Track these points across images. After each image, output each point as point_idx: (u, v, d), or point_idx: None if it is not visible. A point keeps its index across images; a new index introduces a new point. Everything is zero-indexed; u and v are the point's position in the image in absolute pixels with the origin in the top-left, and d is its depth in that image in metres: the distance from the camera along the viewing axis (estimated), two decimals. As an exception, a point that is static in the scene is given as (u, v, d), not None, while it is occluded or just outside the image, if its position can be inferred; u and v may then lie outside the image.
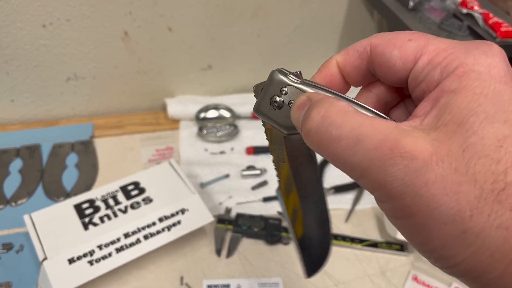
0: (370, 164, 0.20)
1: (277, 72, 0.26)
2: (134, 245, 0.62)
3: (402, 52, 0.23)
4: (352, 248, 0.69)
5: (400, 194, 0.19)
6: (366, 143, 0.20)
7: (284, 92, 0.26)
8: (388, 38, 0.24)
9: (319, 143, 0.22)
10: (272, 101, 0.26)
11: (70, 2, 0.79)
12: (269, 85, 0.26)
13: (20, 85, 0.87)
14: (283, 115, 0.26)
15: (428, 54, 0.22)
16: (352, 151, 0.20)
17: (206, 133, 0.86)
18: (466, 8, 0.75)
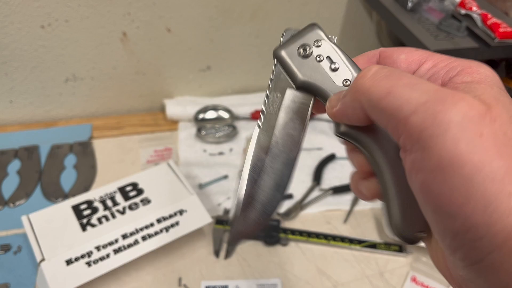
0: (429, 99, 0.19)
1: (317, 26, 0.26)
2: (132, 246, 0.62)
3: (408, 56, 0.25)
4: (351, 249, 0.69)
5: (455, 139, 0.18)
6: (427, 85, 0.20)
7: (317, 45, 0.26)
8: (396, 48, 0.27)
9: (374, 80, 0.22)
10: (302, 47, 0.26)
11: (69, 3, 0.79)
12: (306, 32, 0.26)
13: (19, 86, 0.87)
14: (305, 66, 0.26)
15: (432, 60, 0.25)
16: (413, 87, 0.20)
17: (204, 134, 0.86)
18: (465, 9, 0.75)
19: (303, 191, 0.77)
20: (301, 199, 0.75)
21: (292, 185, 0.77)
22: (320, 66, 0.26)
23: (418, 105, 0.20)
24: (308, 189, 0.77)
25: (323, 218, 0.74)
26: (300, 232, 0.70)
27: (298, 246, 0.69)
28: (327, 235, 0.70)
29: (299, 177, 0.80)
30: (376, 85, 0.21)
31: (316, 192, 0.77)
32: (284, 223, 0.72)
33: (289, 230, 0.70)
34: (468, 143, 0.18)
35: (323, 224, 0.72)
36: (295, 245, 0.69)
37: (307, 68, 0.26)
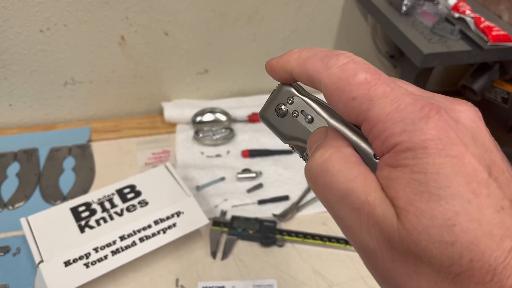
0: (352, 223, 0.20)
1: (286, 84, 0.28)
2: (129, 247, 0.62)
3: (345, 111, 0.22)
4: (346, 249, 0.69)
5: (374, 264, 0.20)
6: (351, 200, 0.20)
7: (290, 102, 0.27)
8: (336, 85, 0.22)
9: (314, 184, 0.22)
10: (278, 108, 0.27)
11: (67, 7, 0.80)
12: (277, 93, 0.28)
13: (18, 89, 0.88)
14: (285, 124, 0.27)
15: (368, 123, 0.21)
16: (340, 204, 0.21)
17: (202, 137, 0.87)
18: (458, 12, 0.76)
19: (299, 192, 0.78)
20: (297, 201, 0.76)
21: (288, 187, 0.78)
22: (297, 121, 0.27)
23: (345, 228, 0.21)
24: (304, 191, 0.78)
25: (319, 219, 0.74)
26: (296, 233, 0.70)
27: (294, 247, 0.70)
28: (323, 236, 0.70)
29: (295, 178, 0.81)
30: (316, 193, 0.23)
31: (312, 193, 0.78)
32: (281, 224, 0.73)
33: (285, 231, 0.71)
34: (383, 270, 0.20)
35: (319, 225, 0.73)
36: (291, 246, 0.70)
37: (287, 125, 0.27)
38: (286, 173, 0.82)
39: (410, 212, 0.18)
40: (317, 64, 0.23)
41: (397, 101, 0.20)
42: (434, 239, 0.18)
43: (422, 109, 0.19)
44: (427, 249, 0.18)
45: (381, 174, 0.20)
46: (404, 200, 0.19)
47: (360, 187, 0.20)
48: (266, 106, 0.28)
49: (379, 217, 0.19)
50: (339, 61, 0.22)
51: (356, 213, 0.20)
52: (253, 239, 0.70)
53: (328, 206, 0.22)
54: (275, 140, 0.89)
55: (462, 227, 0.17)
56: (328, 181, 0.21)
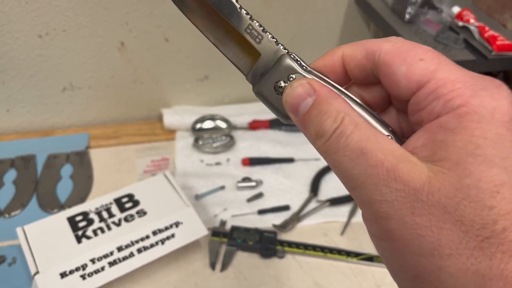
0: (366, 180, 0.20)
1: (287, 56, 0.25)
2: (127, 258, 0.61)
3: (409, 71, 0.22)
4: (348, 262, 0.68)
5: (386, 216, 0.20)
6: (367, 158, 0.20)
7: (291, 79, 0.25)
8: (400, 50, 0.23)
9: (327, 150, 0.22)
10: (277, 86, 0.25)
11: (67, 12, 0.79)
12: (276, 68, 0.25)
13: (16, 94, 0.87)
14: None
15: (434, 82, 0.21)
16: (353, 163, 0.21)
17: (202, 144, 0.86)
18: (462, 21, 0.76)
19: (300, 202, 0.77)
20: (298, 211, 0.75)
21: (289, 196, 0.77)
22: None
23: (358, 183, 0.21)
24: (305, 201, 0.77)
25: (320, 230, 0.73)
26: (297, 244, 0.69)
27: (294, 259, 0.68)
28: (324, 247, 0.69)
29: (296, 188, 0.80)
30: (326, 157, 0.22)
31: (313, 203, 0.77)
32: (281, 235, 0.72)
33: (285, 242, 0.69)
34: (398, 222, 0.19)
35: (320, 236, 0.72)
36: (291, 257, 0.69)
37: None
38: (287, 182, 0.81)
39: (454, 172, 0.19)
40: (375, 40, 0.24)
41: (465, 70, 0.21)
42: (472, 199, 0.18)
43: (493, 80, 0.21)
44: (461, 205, 0.18)
45: (433, 136, 0.20)
46: (453, 161, 0.19)
47: (376, 145, 0.20)
48: (263, 82, 0.26)
49: (402, 172, 0.19)
50: (399, 37, 0.24)
51: (373, 169, 0.20)
52: (253, 250, 0.68)
53: (338, 167, 0.22)
54: (276, 148, 0.88)
55: (505, 197, 0.18)
56: (341, 144, 0.21)
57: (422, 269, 0.19)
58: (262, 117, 0.93)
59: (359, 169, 0.20)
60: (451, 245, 0.18)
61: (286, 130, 0.92)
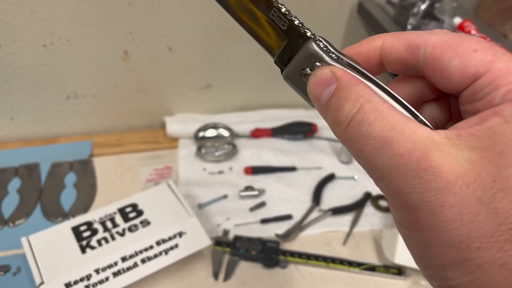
0: (392, 170, 0.19)
1: (313, 42, 0.24)
2: (131, 269, 0.62)
3: (464, 63, 0.21)
4: (350, 271, 0.69)
5: (415, 207, 0.19)
6: (393, 148, 0.19)
7: (316, 66, 0.24)
8: (449, 42, 0.22)
9: (347, 137, 0.21)
10: (303, 73, 0.25)
11: (71, 22, 0.80)
12: (302, 54, 0.25)
13: (20, 103, 0.88)
14: None
15: (493, 73, 0.20)
16: (377, 153, 0.20)
17: (204, 153, 0.86)
18: (464, 32, 0.76)
19: (302, 211, 0.77)
20: (300, 220, 0.75)
21: (291, 205, 0.78)
22: None
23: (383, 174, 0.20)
24: (307, 210, 0.77)
25: (323, 239, 0.74)
26: (299, 254, 0.70)
27: (297, 269, 0.69)
28: (326, 257, 0.70)
29: (298, 197, 0.80)
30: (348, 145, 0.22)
31: (315, 212, 0.77)
32: (284, 244, 0.72)
33: (288, 252, 0.70)
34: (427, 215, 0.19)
35: (322, 246, 0.72)
36: (294, 267, 0.69)
37: None
38: (289, 191, 0.81)
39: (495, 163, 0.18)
40: (418, 32, 0.23)
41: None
42: (510, 191, 0.18)
43: None
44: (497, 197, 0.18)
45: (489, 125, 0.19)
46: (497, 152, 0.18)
47: (402, 134, 0.19)
48: (291, 68, 0.25)
49: (435, 161, 0.18)
50: (443, 30, 0.23)
51: (400, 159, 0.19)
52: (256, 260, 0.69)
53: (362, 156, 0.21)
54: (278, 157, 0.88)
55: None
56: (363, 132, 0.20)
57: (448, 260, 0.19)
58: (264, 125, 0.93)
59: (384, 159, 0.20)
60: (482, 238, 0.18)
61: (288, 138, 0.93)
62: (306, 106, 1.03)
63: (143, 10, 0.81)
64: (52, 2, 0.76)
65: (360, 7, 0.88)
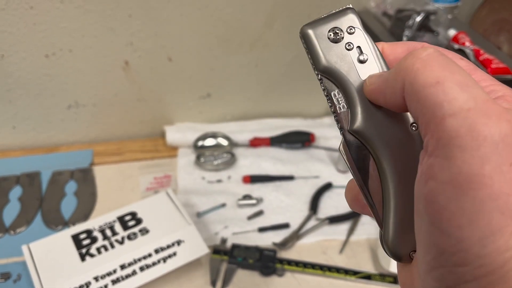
0: (474, 107, 0.18)
1: (354, 11, 0.25)
2: (130, 276, 0.63)
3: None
4: (346, 280, 0.70)
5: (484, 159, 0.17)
6: (478, 92, 0.18)
7: (350, 31, 0.24)
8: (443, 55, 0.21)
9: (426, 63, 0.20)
10: (333, 31, 0.24)
11: (73, 33, 0.82)
12: (341, 16, 0.24)
13: (22, 112, 0.89)
14: (332, 51, 0.24)
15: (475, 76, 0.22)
16: (463, 87, 0.18)
17: (203, 162, 0.88)
18: (458, 44, 0.77)
19: (299, 220, 0.78)
20: (297, 229, 0.76)
21: (289, 214, 0.78)
22: (348, 54, 0.24)
23: (461, 109, 0.18)
24: (304, 219, 0.78)
25: (319, 248, 0.75)
26: (296, 262, 0.71)
27: (294, 277, 0.70)
28: (323, 265, 0.70)
29: (296, 205, 0.81)
30: (427, 70, 0.19)
31: (312, 221, 0.78)
32: (281, 253, 0.73)
33: (285, 260, 0.71)
34: (494, 168, 0.17)
35: (319, 254, 0.73)
36: (291, 275, 0.70)
37: (334, 53, 0.24)
38: (286, 200, 0.82)
39: None
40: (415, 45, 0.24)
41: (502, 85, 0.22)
42: None
43: None
44: None
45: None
46: None
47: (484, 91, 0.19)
48: (319, 23, 0.24)
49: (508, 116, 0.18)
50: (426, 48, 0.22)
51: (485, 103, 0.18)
52: (253, 268, 0.70)
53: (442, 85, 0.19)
54: (276, 166, 0.89)
55: None
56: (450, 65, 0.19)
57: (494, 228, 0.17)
58: (262, 135, 0.94)
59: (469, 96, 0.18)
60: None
61: (286, 147, 0.94)
62: (304, 115, 1.04)
63: (144, 21, 0.83)
64: (54, 14, 0.78)
65: (357, 18, 0.90)
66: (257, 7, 0.86)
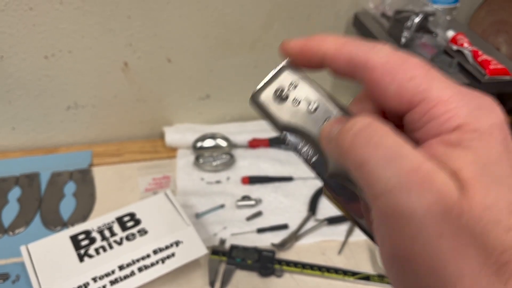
0: (397, 184, 0.18)
1: (290, 66, 0.25)
2: (128, 277, 0.63)
3: (400, 90, 0.21)
4: (345, 281, 0.70)
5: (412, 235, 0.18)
6: (403, 162, 0.18)
7: (294, 86, 0.25)
8: (389, 66, 0.21)
9: (352, 144, 0.20)
10: (278, 92, 0.25)
11: (73, 34, 0.82)
12: (279, 76, 0.25)
13: (22, 113, 0.89)
14: (283, 111, 0.25)
15: (427, 103, 0.20)
16: (386, 164, 0.18)
17: (202, 163, 0.88)
18: (457, 45, 0.78)
19: (298, 221, 0.78)
20: (296, 230, 0.76)
21: (288, 215, 0.78)
22: (299, 109, 0.25)
23: (385, 190, 0.18)
24: (303, 220, 0.78)
25: (318, 249, 0.75)
26: (295, 263, 0.71)
27: (292, 278, 0.70)
28: (321, 266, 0.70)
29: (295, 206, 0.81)
30: (353, 151, 0.20)
31: (311, 222, 0.78)
32: (279, 253, 0.73)
33: (284, 261, 0.71)
34: (424, 244, 0.17)
35: (317, 255, 0.73)
36: (289, 276, 0.70)
37: (286, 112, 0.25)
38: (285, 201, 0.82)
39: (477, 187, 0.17)
40: (362, 47, 0.22)
41: (456, 86, 0.20)
42: (495, 220, 0.17)
43: (485, 97, 0.20)
44: (486, 229, 0.17)
45: (434, 151, 0.19)
46: (471, 174, 0.18)
47: (413, 153, 0.19)
48: (263, 90, 0.25)
49: (438, 184, 0.17)
50: (387, 46, 0.22)
51: (407, 176, 0.18)
52: (252, 269, 0.70)
53: (367, 166, 0.19)
54: (275, 167, 0.89)
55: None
56: (374, 141, 0.19)
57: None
58: (261, 136, 0.94)
59: (391, 173, 0.18)
60: (472, 274, 0.17)
61: (285, 148, 0.94)
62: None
63: (143, 22, 0.83)
64: (53, 15, 0.78)
65: (356, 19, 0.90)
66: (256, 8, 0.87)
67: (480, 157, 0.18)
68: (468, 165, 0.18)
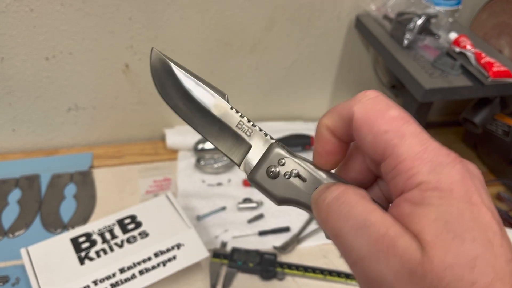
0: (367, 254, 0.20)
1: (277, 145, 0.28)
2: (129, 280, 0.62)
3: (375, 141, 0.22)
4: (347, 284, 0.69)
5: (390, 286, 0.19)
6: (370, 231, 0.20)
7: (282, 163, 0.28)
8: (368, 116, 0.23)
9: (327, 215, 0.22)
10: (269, 170, 0.28)
11: (73, 36, 0.81)
12: (269, 154, 0.28)
13: (22, 115, 0.89)
14: (277, 186, 0.28)
15: (395, 158, 0.21)
16: (356, 234, 0.20)
17: (203, 165, 0.87)
18: (459, 47, 0.77)
19: (300, 224, 0.78)
20: (298, 232, 0.76)
21: (289, 217, 0.78)
22: (290, 182, 0.27)
23: (357, 260, 0.20)
24: (305, 222, 0.78)
25: (320, 251, 0.74)
26: (297, 266, 0.70)
27: (294, 281, 0.69)
28: (324, 269, 0.70)
29: (296, 209, 0.80)
30: (328, 223, 0.22)
31: (313, 225, 0.78)
32: (281, 256, 0.72)
33: (285, 264, 0.70)
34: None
35: (319, 258, 0.73)
36: (291, 279, 0.69)
37: (280, 187, 0.28)
38: (287, 203, 0.82)
39: (437, 246, 0.19)
40: (347, 102, 0.24)
41: (425, 142, 0.21)
42: (457, 277, 0.18)
43: (449, 155, 0.21)
44: (450, 287, 0.18)
45: (401, 210, 0.21)
46: (432, 234, 0.19)
47: (380, 219, 0.20)
48: (257, 169, 0.28)
49: (401, 249, 0.19)
50: (369, 94, 0.23)
51: (374, 244, 0.20)
52: (253, 272, 0.69)
53: (340, 237, 0.21)
54: (276, 169, 0.89)
55: (481, 270, 0.18)
56: (344, 212, 0.21)
57: None
58: (263, 138, 0.94)
59: (361, 242, 0.20)
60: None
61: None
62: (305, 118, 1.04)
63: (144, 24, 0.83)
64: (54, 16, 0.78)
65: (357, 22, 0.90)
66: (257, 11, 0.86)
67: (442, 215, 0.19)
68: (429, 224, 0.19)
